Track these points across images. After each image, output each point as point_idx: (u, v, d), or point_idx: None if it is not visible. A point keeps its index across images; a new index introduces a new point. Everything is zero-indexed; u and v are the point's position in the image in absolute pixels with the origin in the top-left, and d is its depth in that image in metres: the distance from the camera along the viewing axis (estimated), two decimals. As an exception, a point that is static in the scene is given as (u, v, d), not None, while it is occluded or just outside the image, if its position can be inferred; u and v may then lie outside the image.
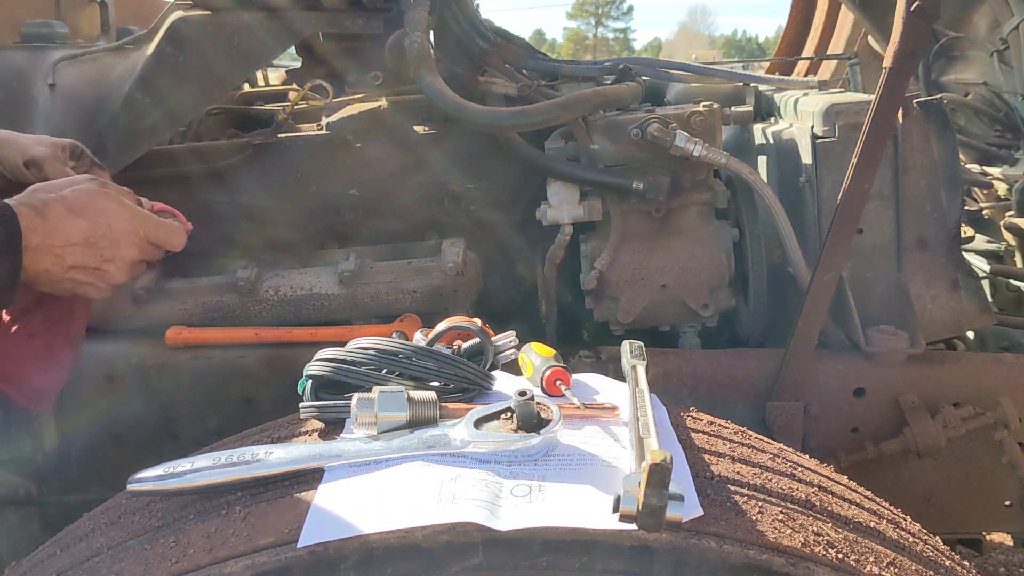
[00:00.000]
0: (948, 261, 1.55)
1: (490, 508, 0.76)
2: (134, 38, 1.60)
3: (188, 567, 0.77)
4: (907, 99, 1.49)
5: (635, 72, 1.73)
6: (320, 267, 1.51)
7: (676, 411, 1.07)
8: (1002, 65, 2.07)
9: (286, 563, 0.75)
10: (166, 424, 1.45)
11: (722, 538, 0.78)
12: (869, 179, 1.37)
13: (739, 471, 0.91)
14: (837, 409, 1.50)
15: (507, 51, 1.77)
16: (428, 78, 1.50)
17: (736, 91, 1.87)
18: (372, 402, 0.90)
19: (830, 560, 0.79)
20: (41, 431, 1.42)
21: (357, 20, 1.60)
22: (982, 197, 2.24)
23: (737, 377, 1.50)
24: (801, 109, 1.66)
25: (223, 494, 0.87)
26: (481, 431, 0.86)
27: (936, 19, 1.35)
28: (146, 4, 2.65)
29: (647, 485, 0.70)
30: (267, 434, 1.04)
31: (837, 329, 1.53)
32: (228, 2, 1.50)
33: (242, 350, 1.43)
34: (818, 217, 1.55)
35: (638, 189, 1.49)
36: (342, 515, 0.77)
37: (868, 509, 0.96)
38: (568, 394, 1.00)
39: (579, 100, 1.52)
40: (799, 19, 3.38)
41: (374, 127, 1.60)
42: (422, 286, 1.45)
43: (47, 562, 0.89)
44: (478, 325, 1.09)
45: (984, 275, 2.01)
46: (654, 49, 49.76)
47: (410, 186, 1.63)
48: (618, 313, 1.56)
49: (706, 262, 1.55)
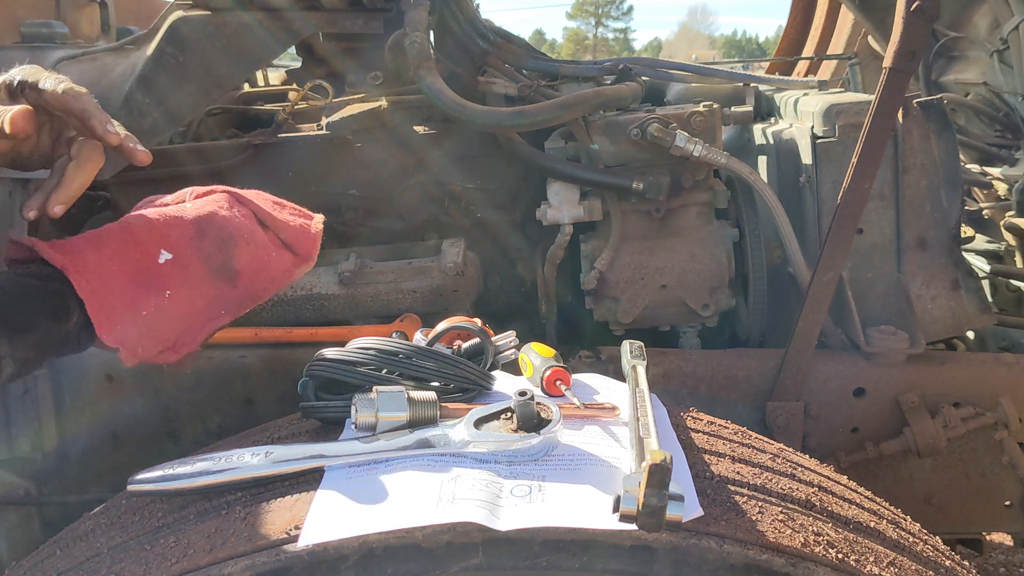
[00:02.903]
0: (948, 261, 1.55)
1: (490, 508, 0.76)
2: (134, 38, 1.60)
3: (188, 567, 0.77)
4: (907, 99, 1.49)
5: (635, 72, 1.73)
6: (320, 267, 1.51)
7: (676, 411, 1.07)
8: (1002, 65, 2.07)
9: (286, 563, 0.75)
10: (166, 424, 1.45)
11: (722, 538, 0.78)
12: (869, 179, 1.37)
13: (739, 471, 0.91)
14: (837, 409, 1.50)
15: (507, 51, 1.77)
16: (428, 78, 1.50)
17: (736, 91, 1.87)
18: (372, 402, 0.90)
19: (830, 560, 0.79)
20: (41, 431, 1.42)
21: (357, 20, 1.61)
22: (982, 197, 2.24)
23: (737, 377, 1.50)
24: (801, 109, 1.66)
25: (223, 494, 0.87)
26: (481, 431, 0.86)
27: (936, 19, 1.35)
28: (146, 4, 2.65)
29: (647, 485, 0.70)
30: (267, 434, 1.04)
31: (837, 329, 1.53)
32: (228, 2, 1.50)
33: (242, 350, 1.43)
34: (818, 217, 1.55)
35: (638, 189, 1.49)
36: (342, 515, 0.77)
37: (868, 509, 0.96)
38: (568, 394, 1.00)
39: (579, 100, 1.52)
40: (799, 19, 3.37)
41: (374, 127, 1.60)
42: (422, 286, 1.45)
43: (47, 562, 0.89)
44: (478, 325, 1.09)
45: (984, 275, 2.00)
46: (654, 49, 49.73)
47: (410, 186, 1.64)
48: (618, 313, 1.56)
49: (706, 262, 1.55)
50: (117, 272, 0.95)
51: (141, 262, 0.97)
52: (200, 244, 1.02)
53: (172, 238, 1.00)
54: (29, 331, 0.86)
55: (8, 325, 0.84)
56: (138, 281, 0.96)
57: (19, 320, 0.85)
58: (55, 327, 0.89)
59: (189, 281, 1.00)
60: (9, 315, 0.85)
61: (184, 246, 1.00)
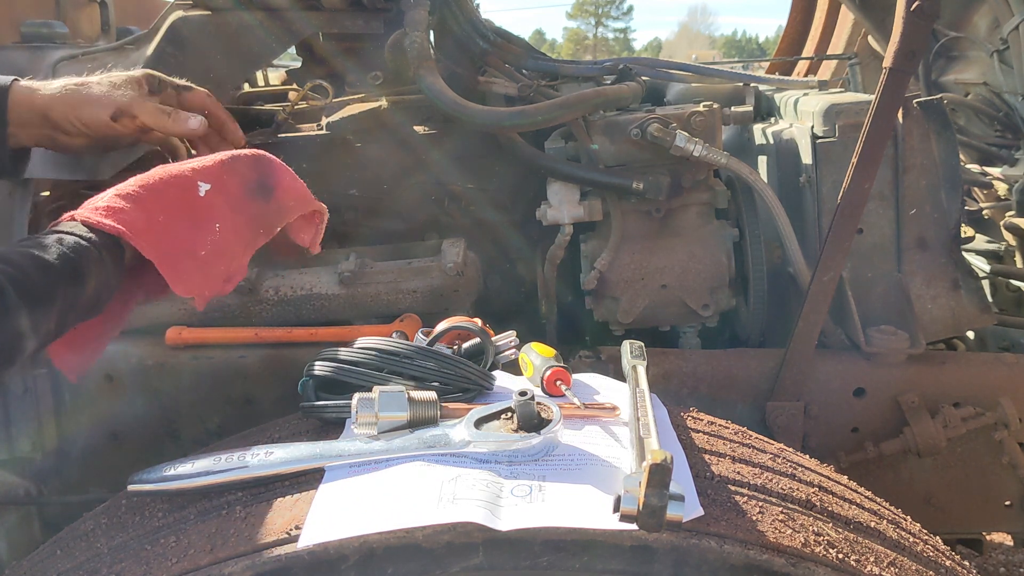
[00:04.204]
0: (948, 261, 1.55)
1: (490, 508, 0.76)
2: (134, 38, 1.59)
3: (188, 567, 0.77)
4: (907, 99, 1.49)
5: (635, 72, 1.73)
6: (320, 267, 1.51)
7: (676, 411, 1.07)
8: (1002, 65, 2.07)
9: (286, 563, 0.75)
10: (166, 424, 1.45)
11: (722, 538, 0.78)
12: (869, 179, 1.37)
13: (739, 471, 0.91)
14: (837, 409, 1.50)
15: (507, 51, 1.77)
16: (428, 78, 1.50)
17: (736, 91, 1.87)
18: (373, 402, 0.90)
19: (830, 560, 0.79)
20: (41, 431, 1.41)
21: (357, 20, 1.61)
22: (982, 197, 2.24)
23: (737, 377, 1.50)
24: (801, 109, 1.66)
25: (223, 494, 0.87)
26: (481, 431, 0.86)
27: (936, 19, 1.35)
28: (146, 4, 2.65)
29: (647, 485, 0.70)
30: (267, 434, 1.04)
31: (837, 329, 1.53)
32: (228, 2, 1.50)
33: (242, 350, 1.43)
34: (818, 217, 1.55)
35: (638, 189, 1.49)
36: (342, 515, 0.77)
37: (868, 509, 0.96)
38: (568, 394, 1.00)
39: (579, 100, 1.52)
40: (799, 19, 3.37)
41: (374, 127, 1.60)
42: (422, 286, 1.45)
43: (47, 562, 0.89)
44: (478, 325, 1.10)
45: (984, 275, 2.01)
46: (654, 49, 49.78)
47: (410, 186, 1.63)
48: (618, 313, 1.56)
49: (706, 262, 1.55)
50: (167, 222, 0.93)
51: (185, 201, 0.96)
52: (234, 165, 1.02)
53: (205, 168, 0.99)
54: (50, 303, 0.83)
55: (28, 298, 0.80)
56: (189, 223, 0.95)
57: (38, 293, 0.82)
58: (73, 293, 0.86)
59: (232, 205, 1.00)
60: (28, 288, 0.81)
61: (219, 171, 1.00)
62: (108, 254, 0.90)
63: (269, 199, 1.05)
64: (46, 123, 1.09)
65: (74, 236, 0.88)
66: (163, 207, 0.94)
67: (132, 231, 0.90)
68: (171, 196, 0.95)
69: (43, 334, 0.83)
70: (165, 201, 0.94)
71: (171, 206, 0.95)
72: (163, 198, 0.94)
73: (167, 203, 0.94)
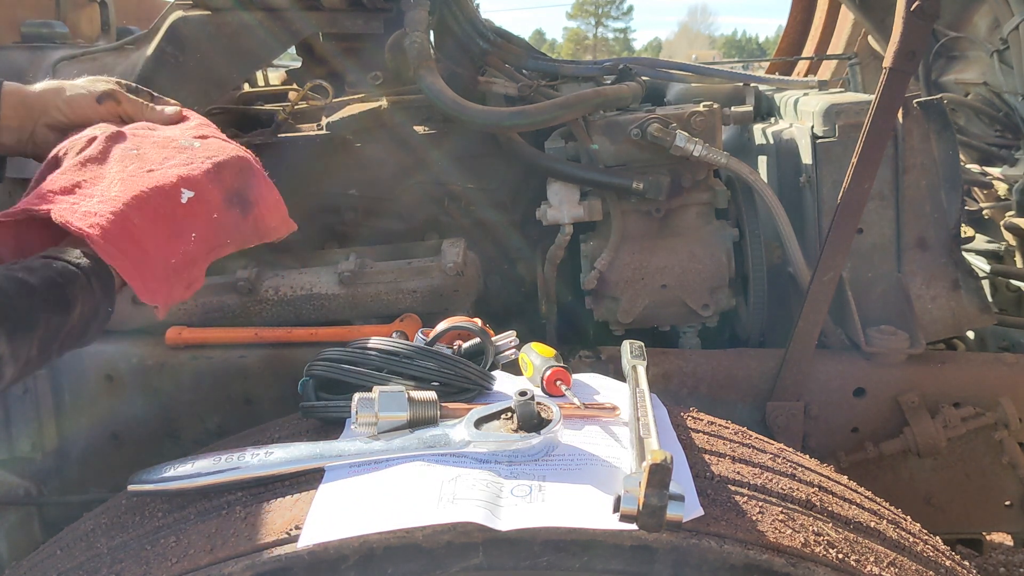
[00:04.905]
0: (948, 261, 1.55)
1: (490, 508, 0.76)
2: (134, 38, 1.59)
3: (188, 567, 0.77)
4: (907, 99, 1.49)
5: (635, 72, 1.73)
6: (320, 267, 1.51)
7: (676, 411, 1.07)
8: (1002, 65, 2.07)
9: (286, 563, 0.75)
10: (166, 424, 1.45)
11: (722, 538, 0.78)
12: (869, 179, 1.37)
13: (739, 471, 0.91)
14: (837, 409, 1.50)
15: (507, 51, 1.77)
16: (428, 78, 1.50)
17: (736, 91, 1.87)
18: (373, 402, 0.90)
19: (830, 560, 0.79)
20: (41, 431, 1.42)
21: (357, 20, 1.60)
22: (982, 197, 2.24)
23: (737, 377, 1.50)
24: (801, 109, 1.66)
25: (223, 494, 0.87)
26: (481, 431, 0.86)
27: (936, 19, 1.35)
28: (146, 4, 2.65)
29: (647, 485, 0.70)
30: (267, 434, 1.04)
31: (837, 329, 1.53)
32: (228, 2, 1.50)
33: (242, 350, 1.43)
34: (818, 217, 1.55)
35: (638, 189, 1.49)
36: (342, 515, 0.77)
37: (868, 509, 0.96)
38: (568, 394, 1.00)
39: (579, 100, 1.52)
40: (799, 19, 3.37)
41: (374, 127, 1.60)
42: (422, 286, 1.45)
43: (47, 562, 0.89)
44: (478, 325, 1.09)
45: (984, 275, 2.01)
46: (654, 49, 49.76)
47: (410, 186, 1.63)
48: (618, 313, 1.56)
49: (706, 262, 1.55)
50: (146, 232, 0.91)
51: (166, 210, 0.94)
52: (219, 174, 1.00)
53: (191, 176, 0.98)
54: (31, 329, 0.81)
55: (8, 323, 0.78)
56: (167, 232, 0.94)
57: (19, 317, 0.79)
58: (58, 321, 0.84)
59: (208, 212, 0.98)
60: (8, 312, 0.78)
61: (203, 180, 0.98)
62: (97, 281, 0.89)
63: (247, 214, 1.03)
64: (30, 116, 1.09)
65: (62, 261, 0.86)
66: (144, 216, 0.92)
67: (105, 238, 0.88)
68: (153, 204, 0.93)
69: (23, 361, 0.81)
70: (147, 210, 0.93)
71: (152, 216, 0.93)
72: (146, 207, 0.93)
73: (148, 212, 0.93)
